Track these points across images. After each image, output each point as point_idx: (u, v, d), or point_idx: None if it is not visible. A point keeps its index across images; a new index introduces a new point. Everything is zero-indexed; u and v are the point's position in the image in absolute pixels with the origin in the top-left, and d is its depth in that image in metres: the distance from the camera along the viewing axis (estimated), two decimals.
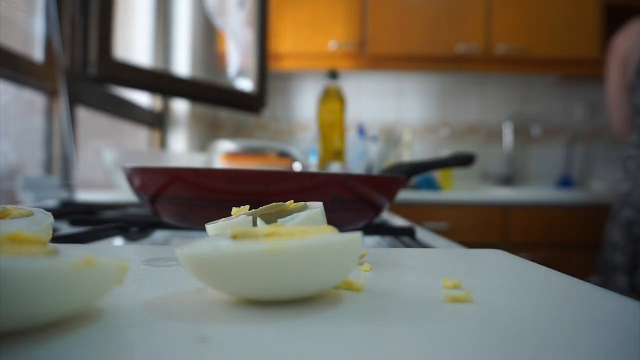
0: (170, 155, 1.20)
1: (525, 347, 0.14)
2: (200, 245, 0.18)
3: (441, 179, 1.97)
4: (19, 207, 0.27)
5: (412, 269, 0.26)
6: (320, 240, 0.17)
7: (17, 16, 0.92)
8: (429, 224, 1.66)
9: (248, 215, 0.27)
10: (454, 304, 0.19)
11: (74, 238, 0.36)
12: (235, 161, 1.05)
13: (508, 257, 0.30)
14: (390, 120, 2.26)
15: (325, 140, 1.15)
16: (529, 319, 0.17)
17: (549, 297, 0.21)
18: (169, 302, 0.18)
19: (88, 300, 0.16)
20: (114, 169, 0.95)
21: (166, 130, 1.86)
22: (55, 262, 0.14)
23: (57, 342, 0.14)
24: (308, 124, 2.27)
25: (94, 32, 0.88)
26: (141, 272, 0.23)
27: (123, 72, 0.94)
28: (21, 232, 0.16)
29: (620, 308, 0.19)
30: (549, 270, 0.26)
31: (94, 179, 1.39)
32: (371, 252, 0.31)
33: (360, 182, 0.38)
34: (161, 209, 0.39)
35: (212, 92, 1.20)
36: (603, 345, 0.15)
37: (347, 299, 0.19)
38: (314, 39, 1.99)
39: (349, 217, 0.39)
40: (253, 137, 2.29)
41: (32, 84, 0.93)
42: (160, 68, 1.79)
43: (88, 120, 1.33)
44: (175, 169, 0.36)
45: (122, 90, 1.46)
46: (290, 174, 0.36)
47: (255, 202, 0.32)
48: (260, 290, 0.18)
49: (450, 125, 2.23)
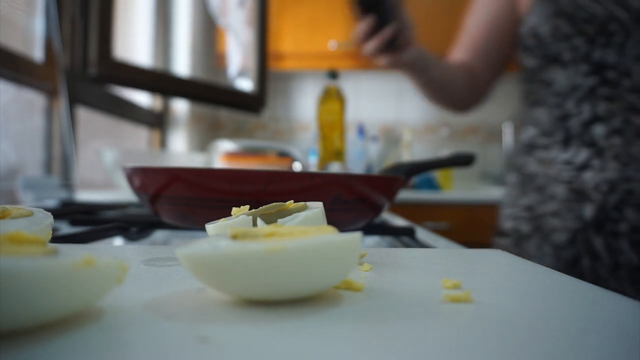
0: (170, 155, 1.20)
1: (525, 347, 0.14)
2: (200, 245, 0.18)
3: (441, 179, 1.97)
4: (19, 207, 0.27)
5: (412, 269, 0.26)
6: (320, 240, 0.17)
7: (17, 16, 0.92)
8: (429, 224, 1.66)
9: (248, 215, 0.27)
10: (454, 304, 0.19)
11: (74, 238, 0.36)
12: (235, 161, 1.05)
13: (508, 257, 0.30)
14: (390, 120, 2.26)
15: (325, 140, 1.15)
16: (529, 319, 0.17)
17: (549, 297, 0.21)
18: (169, 302, 0.18)
19: (88, 300, 0.16)
20: (114, 169, 0.95)
21: (166, 130, 1.86)
22: (55, 262, 0.14)
23: (57, 342, 0.14)
24: (308, 124, 2.27)
25: (94, 32, 0.88)
26: (141, 272, 0.23)
27: (123, 72, 0.94)
28: (21, 232, 0.16)
29: (620, 308, 0.19)
30: (549, 270, 0.26)
31: (94, 179, 1.39)
32: (371, 252, 0.31)
33: (360, 182, 0.38)
34: (161, 209, 0.39)
35: (212, 92, 1.20)
36: (603, 345, 0.15)
37: (347, 299, 0.19)
38: (314, 39, 1.99)
39: (349, 217, 0.39)
40: (253, 137, 2.29)
41: (32, 84, 0.93)
42: (160, 68, 1.78)
43: (88, 120, 1.33)
44: (175, 169, 0.36)
45: (122, 90, 1.46)
46: (290, 174, 0.36)
47: (255, 202, 0.32)
48: (260, 290, 0.18)
49: (450, 125, 2.23)
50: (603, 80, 0.69)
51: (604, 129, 0.68)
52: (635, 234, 0.67)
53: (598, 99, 0.69)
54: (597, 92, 0.69)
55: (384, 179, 0.40)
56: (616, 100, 0.68)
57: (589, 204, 0.69)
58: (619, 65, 0.68)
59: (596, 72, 0.69)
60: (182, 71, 1.83)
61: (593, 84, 0.70)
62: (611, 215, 0.68)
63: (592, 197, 0.69)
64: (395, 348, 0.14)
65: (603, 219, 0.68)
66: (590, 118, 0.70)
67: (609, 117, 0.68)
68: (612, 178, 0.68)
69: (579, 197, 0.70)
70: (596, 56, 0.69)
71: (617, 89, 0.68)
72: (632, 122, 0.67)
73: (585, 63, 0.70)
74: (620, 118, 0.67)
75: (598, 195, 0.69)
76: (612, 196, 0.68)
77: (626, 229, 0.67)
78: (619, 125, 0.67)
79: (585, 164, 0.70)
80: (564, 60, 0.72)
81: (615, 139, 0.68)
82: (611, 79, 0.68)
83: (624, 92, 0.67)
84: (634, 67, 0.67)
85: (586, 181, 0.70)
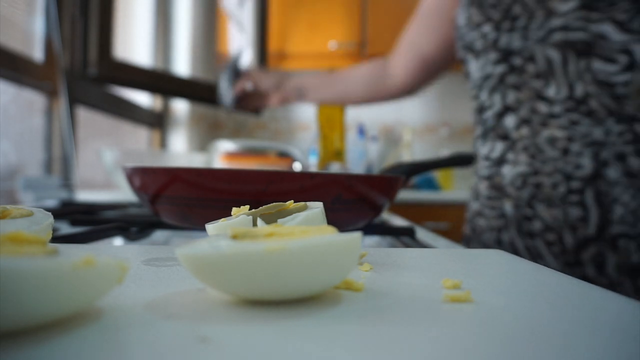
0: (170, 155, 1.20)
1: (525, 347, 0.14)
2: (200, 245, 0.18)
3: (441, 179, 1.97)
4: (19, 207, 0.27)
5: (412, 269, 0.26)
6: (320, 240, 0.17)
7: (17, 16, 0.92)
8: (429, 224, 1.66)
9: (248, 215, 0.27)
10: (454, 304, 0.19)
11: (74, 238, 0.36)
12: (235, 161, 1.05)
13: (508, 257, 0.30)
14: (390, 120, 2.26)
15: (325, 140, 1.15)
16: (529, 318, 0.17)
17: (549, 297, 0.21)
18: (169, 302, 0.18)
19: (88, 300, 0.16)
20: (114, 169, 0.95)
21: (166, 130, 1.86)
22: (55, 262, 0.14)
23: (57, 342, 0.14)
24: (308, 124, 2.27)
25: (94, 32, 0.88)
26: (141, 272, 0.23)
27: (123, 72, 0.94)
28: (21, 232, 0.16)
29: (620, 308, 0.19)
30: (549, 270, 0.26)
31: (94, 179, 1.39)
32: (371, 252, 0.31)
33: (360, 182, 0.38)
34: (161, 209, 0.39)
35: (212, 92, 1.20)
36: (603, 345, 0.15)
37: (347, 299, 0.19)
38: (314, 39, 1.99)
39: (349, 217, 0.39)
40: (253, 137, 2.29)
41: (32, 84, 0.93)
42: (160, 68, 1.78)
43: (88, 120, 1.33)
44: (175, 169, 0.36)
45: (122, 90, 1.46)
46: (290, 174, 0.36)
47: (255, 202, 0.32)
48: (260, 290, 0.18)
49: (450, 125, 2.23)
50: (511, 67, 0.65)
51: (514, 119, 0.65)
52: (549, 232, 0.61)
53: (507, 87, 0.65)
54: (506, 81, 0.66)
55: (384, 179, 0.40)
56: (523, 88, 0.64)
57: (507, 200, 0.65)
58: (524, 50, 0.63)
59: (504, 59, 0.65)
60: (182, 71, 1.83)
61: (502, 72, 0.66)
62: (526, 213, 0.63)
63: (509, 193, 0.65)
64: (395, 348, 0.14)
65: (520, 218, 0.64)
66: (501, 109, 0.66)
67: (517, 106, 0.64)
68: (523, 171, 0.64)
69: (499, 193, 0.67)
70: (503, 42, 0.65)
71: (523, 75, 0.64)
72: (537, 111, 0.62)
73: (494, 50, 0.66)
74: (527, 106, 0.63)
75: (513, 190, 0.65)
76: (524, 191, 0.64)
77: (540, 228, 0.62)
78: (526, 114, 0.63)
79: (501, 158, 0.66)
80: (476, 49, 0.69)
81: (524, 130, 0.64)
82: (517, 65, 0.64)
83: (530, 78, 0.63)
84: (538, 51, 0.62)
85: (504, 176, 0.66)
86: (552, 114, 0.61)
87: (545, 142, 0.62)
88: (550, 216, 0.61)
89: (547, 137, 0.61)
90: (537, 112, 0.62)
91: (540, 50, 0.62)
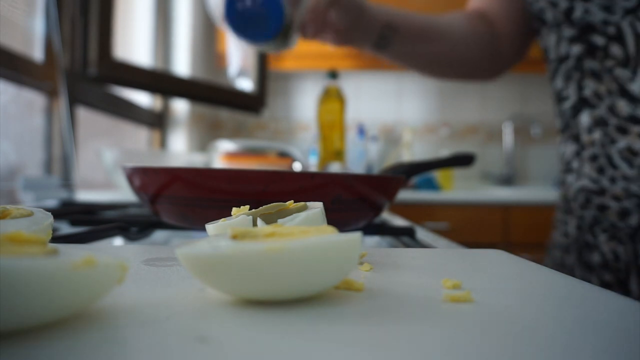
0: (170, 155, 1.21)
1: (526, 347, 0.14)
2: (200, 245, 0.18)
3: (441, 179, 1.97)
4: (19, 207, 0.27)
5: (412, 269, 0.26)
6: (320, 240, 0.17)
7: (17, 16, 0.92)
8: (429, 224, 1.66)
9: (248, 215, 0.27)
10: (454, 304, 0.19)
11: (74, 238, 0.36)
12: (235, 161, 1.05)
13: (508, 257, 0.30)
14: (390, 120, 2.26)
15: (325, 140, 1.15)
16: (529, 319, 0.17)
17: (549, 297, 0.21)
18: (169, 302, 0.18)
19: (88, 300, 0.16)
20: (114, 169, 0.95)
21: (166, 130, 1.86)
22: (55, 262, 0.14)
23: (57, 342, 0.14)
24: (308, 124, 2.27)
25: (94, 32, 0.88)
26: (141, 272, 0.23)
27: (123, 72, 0.94)
28: (21, 232, 0.16)
29: (620, 308, 0.19)
30: (549, 270, 0.26)
31: (94, 179, 1.39)
32: (371, 252, 0.31)
33: (360, 182, 0.38)
34: (161, 209, 0.39)
35: (212, 92, 1.20)
36: (603, 345, 0.15)
37: (347, 299, 0.19)
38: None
39: (349, 217, 0.39)
40: (253, 137, 2.29)
41: (32, 84, 0.93)
42: (160, 68, 1.78)
43: (88, 120, 1.33)
44: (175, 169, 0.36)
45: (122, 90, 1.46)
46: (290, 174, 0.36)
47: (255, 202, 0.32)
48: (260, 290, 0.18)
49: (450, 125, 2.23)
50: (590, 48, 0.52)
51: (588, 118, 0.53)
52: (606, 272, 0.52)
53: (586, 75, 0.53)
54: (585, 66, 0.53)
55: (384, 179, 0.40)
56: (604, 78, 0.51)
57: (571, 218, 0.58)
58: (607, 26, 0.49)
59: (581, 36, 0.53)
60: (182, 71, 1.83)
61: (579, 53, 0.53)
62: (588, 240, 0.55)
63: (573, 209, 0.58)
64: (395, 348, 0.14)
65: (582, 243, 0.56)
66: (577, 102, 0.55)
67: (595, 102, 0.52)
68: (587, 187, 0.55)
69: (566, 206, 0.59)
70: (578, 14, 0.51)
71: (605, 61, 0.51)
72: (616, 111, 0.50)
73: (568, 25, 0.53)
74: (606, 103, 0.51)
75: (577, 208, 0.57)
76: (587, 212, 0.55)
77: (598, 262, 0.53)
78: (603, 113, 0.52)
79: (568, 165, 0.58)
80: (547, 21, 0.56)
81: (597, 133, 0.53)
82: (599, 45, 0.51)
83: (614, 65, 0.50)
84: (626, 26, 0.48)
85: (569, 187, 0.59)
86: (635, 117, 0.48)
87: (619, 155, 0.49)
88: (611, 251, 0.49)
89: (622, 148, 0.49)
90: (615, 112, 0.50)
91: (629, 25, 0.48)
